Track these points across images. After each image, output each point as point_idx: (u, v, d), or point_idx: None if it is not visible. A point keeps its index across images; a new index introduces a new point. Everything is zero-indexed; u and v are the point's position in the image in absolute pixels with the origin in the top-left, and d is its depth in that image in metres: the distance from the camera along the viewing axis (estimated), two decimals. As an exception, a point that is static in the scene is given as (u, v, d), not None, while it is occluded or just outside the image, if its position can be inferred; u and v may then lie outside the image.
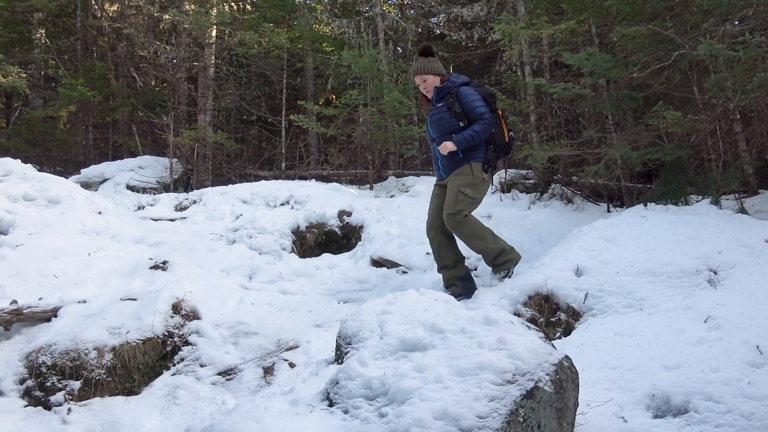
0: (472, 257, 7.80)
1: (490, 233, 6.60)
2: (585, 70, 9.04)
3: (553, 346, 3.85)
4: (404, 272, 8.17)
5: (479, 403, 3.31)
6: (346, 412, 3.66)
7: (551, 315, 5.92)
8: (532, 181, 11.22)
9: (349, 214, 9.84)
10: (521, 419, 3.31)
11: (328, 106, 15.18)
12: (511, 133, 6.78)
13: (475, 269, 7.75)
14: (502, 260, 6.68)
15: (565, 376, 3.61)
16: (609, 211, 9.77)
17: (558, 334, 5.70)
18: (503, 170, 11.58)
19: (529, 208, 10.07)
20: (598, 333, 5.23)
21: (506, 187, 11.09)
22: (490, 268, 6.87)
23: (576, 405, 3.70)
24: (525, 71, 11.90)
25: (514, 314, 5.78)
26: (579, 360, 4.02)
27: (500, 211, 9.65)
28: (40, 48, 19.03)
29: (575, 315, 5.78)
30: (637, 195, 9.84)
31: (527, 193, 10.84)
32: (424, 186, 11.78)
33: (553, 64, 12.20)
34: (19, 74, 16.27)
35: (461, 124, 6.47)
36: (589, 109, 9.91)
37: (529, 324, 4.10)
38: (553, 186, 10.70)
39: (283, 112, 15.79)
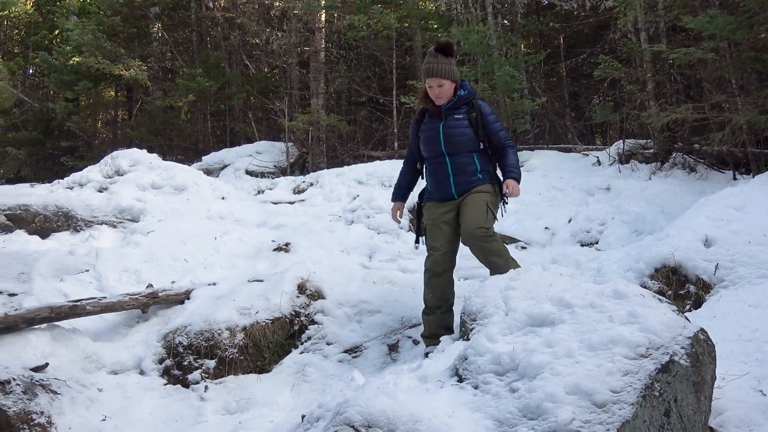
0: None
1: (508, 252, 5.64)
2: (706, 33, 8.70)
3: (686, 318, 3.76)
4: (523, 247, 8.11)
5: (613, 378, 3.27)
6: (476, 387, 3.69)
7: (679, 287, 5.77)
8: (651, 151, 10.88)
9: (465, 191, 9.82)
10: (657, 393, 3.25)
11: (439, 83, 15.12)
12: None
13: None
14: None
15: (701, 349, 3.52)
16: (735, 178, 9.39)
17: (688, 307, 5.55)
18: (620, 141, 11.29)
19: (649, 178, 9.80)
20: (730, 305, 5.07)
21: (624, 158, 10.81)
22: None
23: (714, 379, 3.61)
24: (641, 38, 11.53)
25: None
26: (711, 333, 3.90)
27: (619, 183, 9.43)
28: (157, 41, 19.75)
29: (705, 287, 5.62)
30: (765, 162, 9.42)
31: (647, 163, 10.52)
32: (538, 160, 11.62)
33: (670, 29, 11.78)
34: (140, 67, 16.95)
35: (481, 146, 5.49)
36: (712, 73, 9.53)
37: (660, 297, 4.01)
38: (674, 155, 10.35)
39: (394, 92, 15.83)
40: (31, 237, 8.52)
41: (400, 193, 6.08)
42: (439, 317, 5.59)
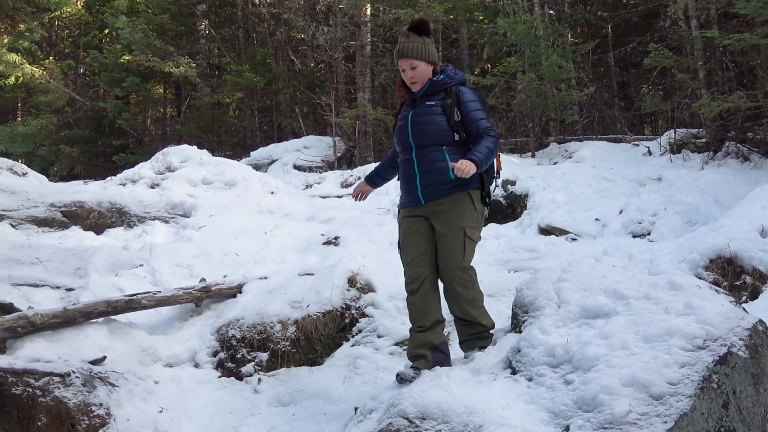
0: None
1: (482, 299, 4.85)
2: (761, 19, 8.51)
3: (744, 309, 3.71)
4: (573, 239, 8.06)
5: (669, 370, 3.25)
6: (530, 379, 3.69)
7: (735, 279, 5.69)
8: (703, 140, 10.69)
9: (513, 183, 9.78)
10: (715, 385, 3.22)
11: (485, 75, 15.06)
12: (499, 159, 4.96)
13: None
14: (485, 334, 4.81)
15: (761, 340, 3.47)
16: (791, 167, 9.19)
17: (744, 299, 5.47)
18: (671, 130, 11.12)
19: (702, 168, 9.63)
20: (788, 296, 4.99)
21: (676, 148, 10.62)
22: (460, 341, 4.93)
23: (773, 370, 3.56)
24: (691, 25, 11.33)
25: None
26: (770, 324, 3.84)
27: (671, 173, 9.29)
28: (205, 38, 19.97)
29: (762, 278, 5.54)
30: (822, 149, 9.20)
31: (699, 152, 10.32)
32: (587, 151, 11.50)
33: (721, 15, 11.54)
34: (189, 64, 17.16)
35: (456, 137, 4.64)
36: (766, 60, 9.33)
37: (717, 288, 3.95)
38: (727, 144, 10.14)
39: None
40: (86, 233, 8.71)
41: (370, 176, 5.37)
42: (421, 336, 4.71)
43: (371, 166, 11.80)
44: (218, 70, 20.34)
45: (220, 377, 5.93)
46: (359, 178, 11.29)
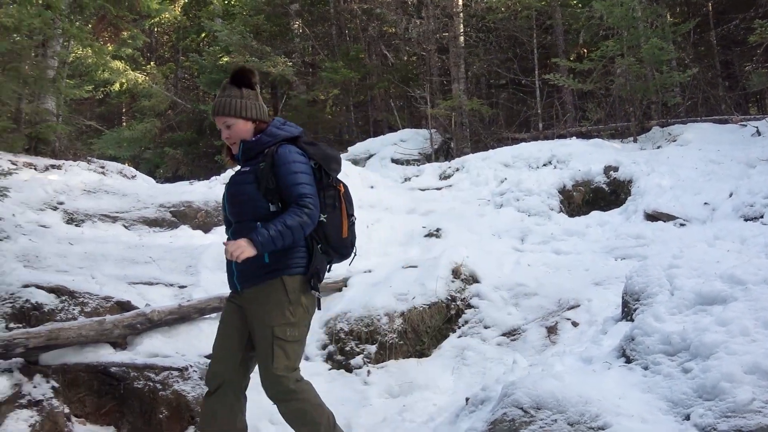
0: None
1: (328, 419, 3.95)
2: None
3: None
4: (682, 224, 7.85)
5: (794, 356, 3.15)
6: (646, 368, 3.63)
7: None
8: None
9: (615, 169, 9.59)
10: (843, 371, 3.11)
11: (581, 60, 14.80)
12: (352, 218, 4.06)
13: None
14: None
15: None
16: None
17: None
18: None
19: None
20: None
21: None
22: None
23: None
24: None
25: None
26: None
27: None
28: (299, 37, 20.29)
29: None
30: None
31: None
32: (692, 134, 11.17)
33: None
34: (285, 63, 17.48)
35: (272, 208, 3.79)
36: None
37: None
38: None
39: (536, 71, 15.61)
40: (195, 232, 8.97)
41: None
42: None
43: (470, 157, 11.82)
44: (312, 68, 20.64)
45: (330, 369, 6.04)
46: (457, 170, 11.32)
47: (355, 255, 4.11)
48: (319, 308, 4.03)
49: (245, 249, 3.60)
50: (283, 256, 3.76)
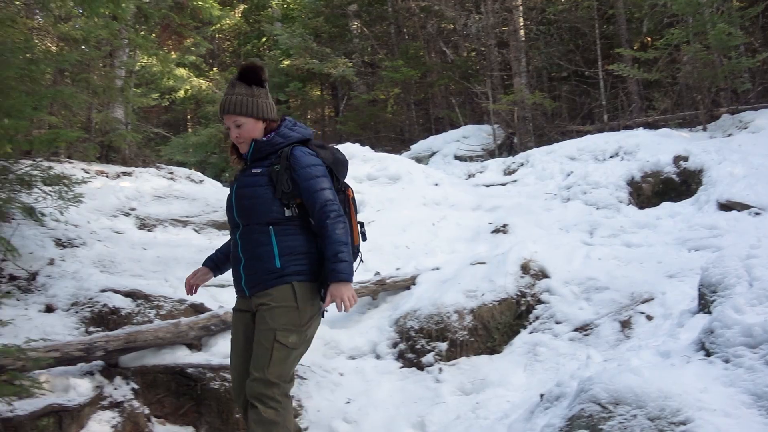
0: None
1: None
2: None
3: None
4: (757, 213, 7.62)
5: None
6: (726, 361, 3.55)
7: None
8: None
9: (685, 159, 9.37)
10: None
11: (646, 49, 14.54)
12: (362, 230, 3.94)
13: None
14: None
15: None
16: None
17: None
18: None
19: None
20: None
21: None
22: None
23: None
24: None
25: None
26: None
27: None
28: (358, 37, 20.39)
29: None
30: None
31: None
32: (764, 120, 10.86)
33: None
34: (345, 64, 17.58)
35: (287, 213, 3.67)
36: None
37: None
38: None
39: (599, 62, 15.39)
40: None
41: (211, 257, 4.18)
42: None
43: (534, 151, 11.70)
44: (372, 68, 20.72)
45: (401, 368, 6.06)
46: (522, 164, 11.22)
47: (361, 261, 3.89)
48: (323, 316, 3.78)
49: (348, 291, 3.48)
50: (293, 262, 3.62)
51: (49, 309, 6.19)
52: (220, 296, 7.00)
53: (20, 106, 5.61)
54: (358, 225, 3.87)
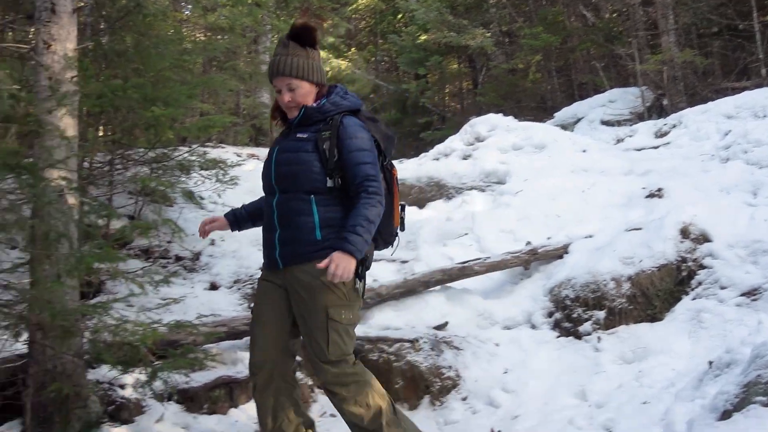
0: None
1: (389, 404, 3.65)
2: None
3: None
4: None
5: None
6: None
7: None
8: None
9: None
10: None
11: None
12: (402, 214, 3.79)
13: None
14: None
15: None
16: None
17: None
18: None
19: None
20: None
21: None
22: None
23: None
24: None
25: None
26: None
27: None
28: (495, 6, 20.10)
29: None
30: None
31: None
32: None
33: None
34: (483, 35, 17.38)
35: (329, 183, 3.48)
36: None
37: None
38: None
39: (754, 14, 14.46)
40: (410, 208, 9.14)
41: (234, 211, 4.11)
42: None
43: (686, 112, 11.18)
44: (510, 37, 20.39)
45: (558, 337, 5.97)
46: (674, 126, 10.76)
47: (398, 243, 3.81)
48: (363, 297, 3.67)
49: (348, 263, 3.28)
50: (335, 235, 3.42)
51: (213, 287, 6.51)
52: (374, 270, 7.07)
53: (176, 95, 5.91)
54: (399, 207, 3.74)
